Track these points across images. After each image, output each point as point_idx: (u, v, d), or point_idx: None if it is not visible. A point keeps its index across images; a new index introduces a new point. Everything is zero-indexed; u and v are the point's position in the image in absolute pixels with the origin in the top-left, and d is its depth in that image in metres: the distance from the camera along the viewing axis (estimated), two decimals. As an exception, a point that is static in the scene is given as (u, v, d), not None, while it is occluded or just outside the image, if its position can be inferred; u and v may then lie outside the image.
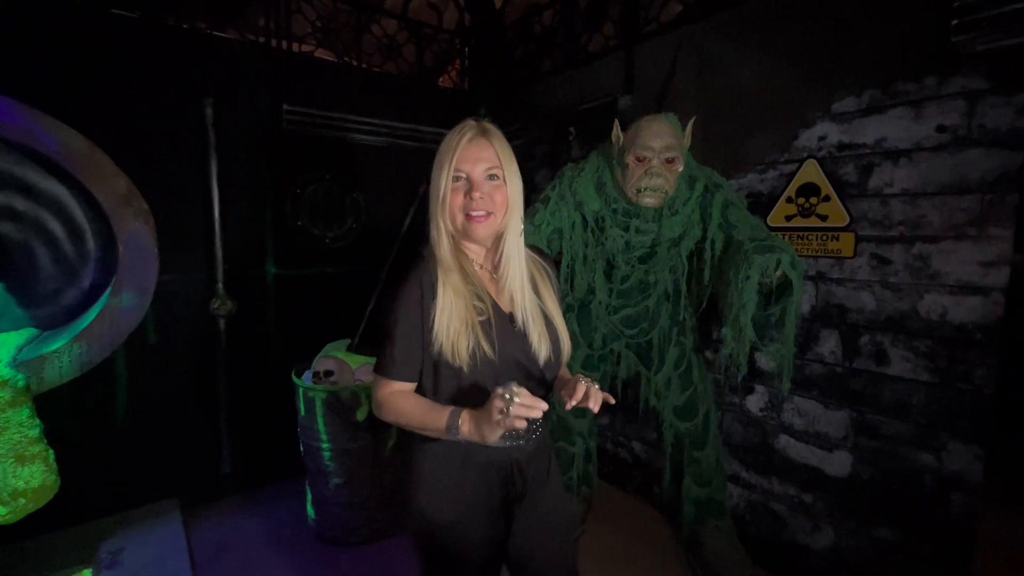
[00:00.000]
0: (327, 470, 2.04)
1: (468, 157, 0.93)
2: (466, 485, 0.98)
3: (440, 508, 0.98)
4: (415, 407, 0.94)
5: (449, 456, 0.98)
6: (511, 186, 0.96)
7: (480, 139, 0.95)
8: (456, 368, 0.92)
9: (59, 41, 1.92)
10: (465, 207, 0.94)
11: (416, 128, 2.90)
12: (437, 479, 0.98)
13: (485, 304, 0.96)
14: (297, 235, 2.59)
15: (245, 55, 2.35)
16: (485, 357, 0.92)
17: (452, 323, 0.91)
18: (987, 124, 1.37)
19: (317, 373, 2.09)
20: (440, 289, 0.93)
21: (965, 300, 1.43)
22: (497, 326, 0.95)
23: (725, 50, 1.91)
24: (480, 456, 0.97)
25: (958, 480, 1.46)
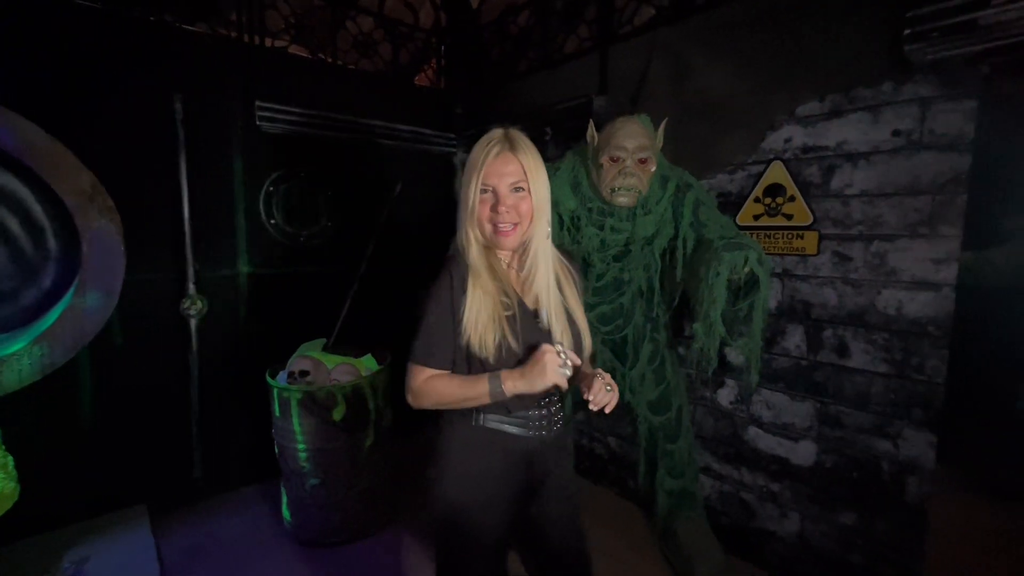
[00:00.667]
0: (303, 471, 2.02)
1: (494, 172, 0.98)
2: (492, 469, 1.05)
3: (466, 492, 1.04)
4: (452, 384, 1.00)
5: (476, 442, 1.05)
6: (536, 194, 1.01)
7: (506, 153, 0.99)
8: (483, 359, 0.99)
9: (18, 32, 1.85)
10: (492, 219, 0.99)
11: (392, 126, 2.88)
12: (464, 464, 1.05)
13: (511, 300, 1.02)
14: (271, 234, 2.55)
15: (216, 50, 2.30)
16: (510, 349, 0.99)
17: (480, 317, 0.97)
18: (937, 129, 1.45)
19: (292, 373, 2.06)
20: (470, 287, 0.99)
21: (919, 295, 1.51)
22: (522, 321, 1.01)
23: (696, 54, 1.97)
24: (506, 443, 1.05)
25: (913, 466, 1.54)
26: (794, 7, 1.68)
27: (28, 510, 1.52)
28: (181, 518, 2.23)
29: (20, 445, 1.44)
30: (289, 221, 2.61)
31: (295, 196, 2.63)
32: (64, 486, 2.05)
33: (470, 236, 1.02)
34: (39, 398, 1.90)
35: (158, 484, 2.27)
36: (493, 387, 0.96)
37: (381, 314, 2.93)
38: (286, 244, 2.61)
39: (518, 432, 1.06)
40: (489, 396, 0.97)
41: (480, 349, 0.98)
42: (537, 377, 0.94)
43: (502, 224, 0.99)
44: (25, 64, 1.86)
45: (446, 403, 1.01)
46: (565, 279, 1.11)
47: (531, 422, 1.06)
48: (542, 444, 1.09)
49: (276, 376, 2.13)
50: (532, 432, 1.06)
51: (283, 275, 2.61)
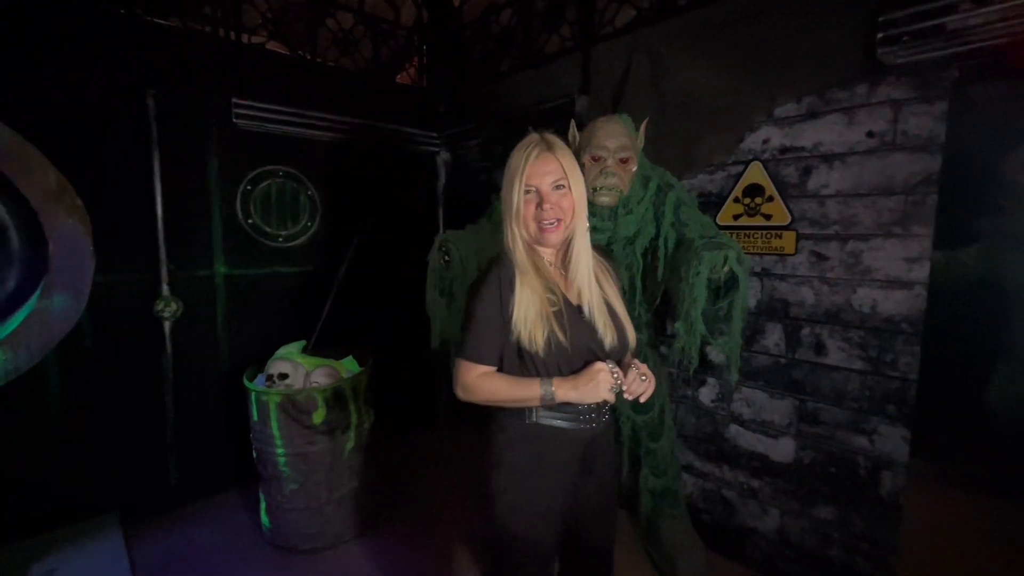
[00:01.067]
0: (282, 476, 1.98)
1: (536, 172, 1.03)
2: (549, 462, 1.10)
3: (523, 486, 1.09)
4: (505, 383, 1.05)
5: (532, 438, 1.09)
6: (575, 191, 1.06)
7: (545, 154, 1.05)
8: (533, 354, 1.04)
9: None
10: (537, 217, 1.05)
11: (374, 125, 2.85)
12: (520, 459, 1.09)
13: (556, 297, 1.07)
14: (249, 233, 2.50)
15: (191, 45, 2.25)
16: (559, 343, 1.03)
17: (529, 314, 1.02)
18: (909, 130, 1.48)
19: (271, 376, 2.02)
20: (518, 286, 1.04)
21: (892, 293, 1.54)
22: (568, 316, 1.06)
23: (677, 55, 1.98)
24: (560, 437, 1.10)
25: (888, 460, 1.58)
26: (771, 10, 1.70)
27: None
28: (155, 525, 2.17)
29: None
30: (268, 221, 2.56)
31: (274, 195, 2.58)
32: (31, 495, 1.98)
33: (516, 237, 1.06)
34: (4, 403, 1.83)
35: (131, 491, 2.21)
36: (545, 393, 1.02)
37: (363, 315, 2.89)
38: (265, 244, 2.56)
39: (570, 426, 1.10)
40: (540, 400, 1.03)
41: (530, 344, 1.02)
42: (589, 392, 1.00)
43: (547, 221, 1.04)
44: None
45: (497, 401, 1.07)
46: (603, 274, 1.16)
47: (581, 415, 1.11)
48: (593, 435, 1.14)
49: (254, 379, 2.09)
50: (583, 425, 1.11)
51: (262, 276, 2.56)
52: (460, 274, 1.51)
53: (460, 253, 1.49)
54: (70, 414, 2.05)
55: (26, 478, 1.97)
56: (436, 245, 1.49)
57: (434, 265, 1.49)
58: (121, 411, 2.17)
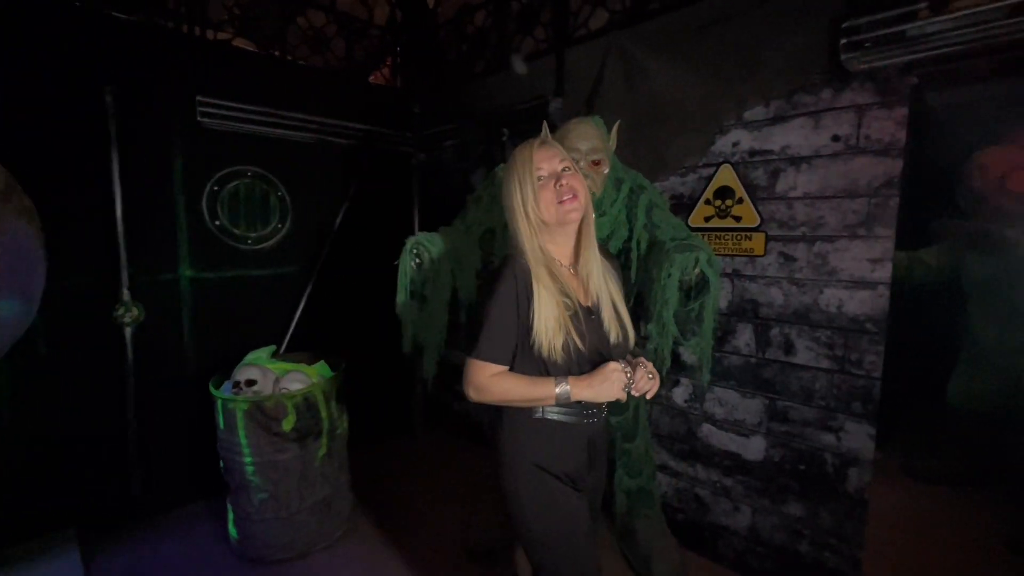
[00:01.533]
0: (250, 485, 1.92)
1: (544, 157, 1.09)
2: (560, 454, 1.13)
3: (536, 482, 1.11)
4: (520, 384, 1.06)
5: (541, 432, 1.12)
6: (580, 173, 1.13)
7: (546, 144, 1.11)
8: (552, 361, 1.06)
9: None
10: (556, 195, 1.07)
11: (347, 125, 2.80)
12: (531, 452, 1.12)
13: (571, 300, 1.09)
14: (216, 236, 2.42)
15: (151, 41, 2.17)
16: (577, 348, 1.06)
17: (549, 324, 1.04)
18: (872, 135, 1.52)
19: (238, 383, 1.96)
20: (536, 293, 1.05)
21: (857, 293, 1.58)
22: (583, 319, 1.10)
23: (649, 58, 1.99)
24: (567, 430, 1.13)
25: (854, 457, 1.61)
26: (740, 14, 1.73)
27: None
28: (116, 541, 2.08)
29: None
30: (236, 222, 2.49)
31: (243, 196, 2.51)
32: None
33: (532, 235, 1.08)
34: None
35: (91, 505, 2.11)
36: (561, 392, 1.04)
37: (337, 319, 2.84)
38: (233, 246, 2.49)
39: (575, 421, 1.14)
40: (555, 400, 1.05)
41: (550, 353, 1.05)
42: (604, 391, 1.04)
43: (566, 195, 1.07)
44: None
45: (510, 401, 1.08)
46: (608, 273, 1.19)
47: (586, 410, 1.14)
48: (595, 430, 1.19)
49: (221, 386, 2.02)
50: (587, 420, 1.15)
51: (230, 279, 2.48)
52: (432, 277, 1.49)
53: (431, 255, 1.47)
54: (23, 424, 1.95)
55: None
56: (407, 248, 1.47)
57: (404, 268, 1.47)
58: (79, 421, 2.07)
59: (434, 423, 3.24)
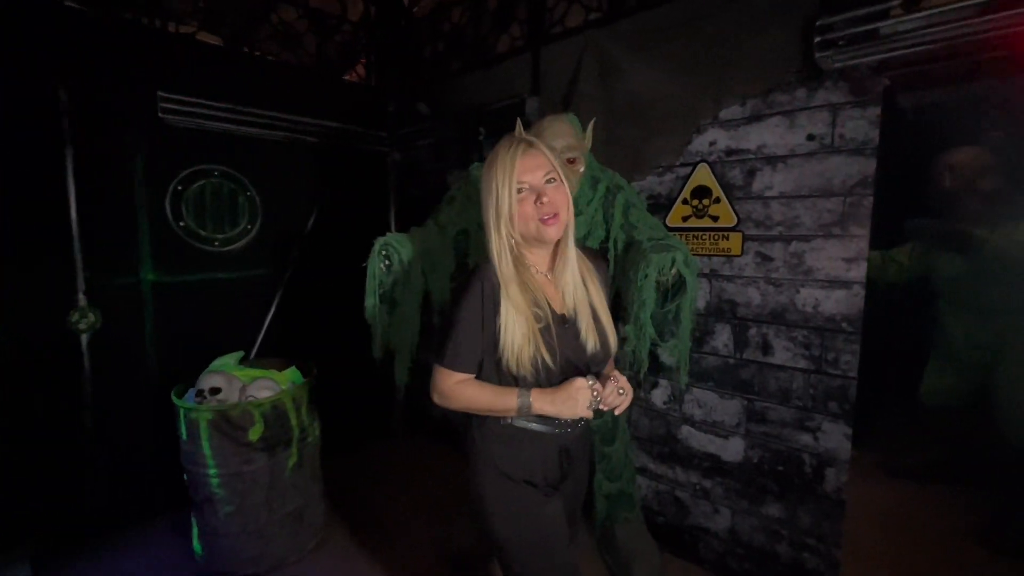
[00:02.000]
0: (216, 498, 1.84)
1: (527, 168, 1.00)
2: (530, 460, 1.10)
3: (504, 489, 1.08)
4: (483, 393, 1.03)
5: (509, 438, 1.09)
6: (566, 185, 1.05)
7: (531, 150, 1.02)
8: (518, 376, 1.02)
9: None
10: (536, 212, 1.00)
11: (319, 123, 2.72)
12: (500, 457, 1.09)
13: (543, 310, 1.03)
14: (181, 237, 2.32)
15: (109, 33, 2.06)
16: (545, 363, 1.01)
17: (515, 338, 1.00)
18: (846, 134, 1.52)
19: (201, 391, 1.87)
20: (503, 305, 1.00)
21: (833, 293, 1.58)
22: (555, 330, 1.04)
23: (625, 57, 1.97)
24: (534, 439, 1.09)
25: (831, 457, 1.61)
26: (716, 12, 1.71)
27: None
28: (73, 561, 1.97)
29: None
30: (202, 223, 2.39)
31: (209, 196, 2.41)
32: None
33: (504, 245, 1.02)
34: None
35: (45, 524, 1.99)
36: (522, 405, 1.01)
37: (310, 322, 2.76)
38: (199, 248, 2.39)
39: (546, 430, 1.10)
40: (517, 412, 1.02)
41: (517, 368, 1.01)
42: (567, 409, 0.99)
43: (546, 215, 1.00)
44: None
45: (473, 409, 1.06)
46: (590, 276, 1.13)
47: (556, 422, 1.10)
48: (568, 440, 1.14)
49: (184, 395, 1.93)
50: (559, 429, 1.10)
51: (196, 283, 2.38)
52: (402, 279, 1.44)
53: (402, 257, 1.42)
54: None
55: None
56: (376, 249, 1.41)
57: (373, 270, 1.41)
58: (31, 435, 1.96)
59: (413, 427, 3.18)
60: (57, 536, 2.02)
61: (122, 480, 2.17)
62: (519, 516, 1.08)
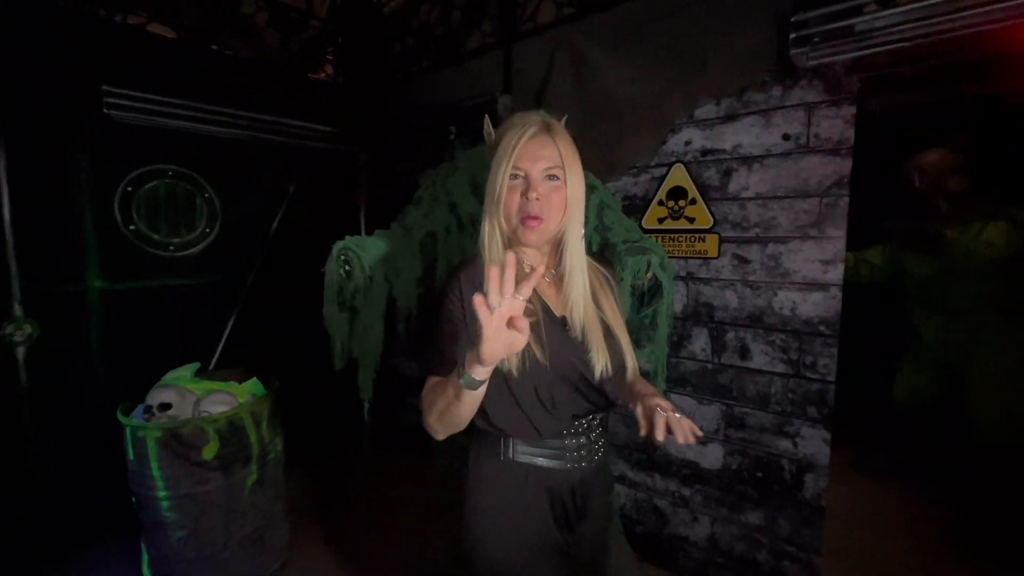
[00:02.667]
0: (166, 522, 1.71)
1: (528, 154, 0.88)
2: (529, 509, 0.94)
3: (499, 534, 0.94)
4: (438, 388, 0.85)
5: (508, 478, 0.95)
6: (571, 187, 0.90)
7: (543, 136, 0.90)
8: (506, 372, 0.87)
9: None
10: (521, 208, 0.89)
11: (283, 122, 2.59)
12: (495, 503, 0.95)
13: (535, 305, 0.91)
14: (131, 242, 2.17)
15: (47, 21, 1.91)
16: (534, 359, 0.87)
17: None
18: (822, 133, 1.49)
19: (150, 407, 1.74)
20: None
21: (810, 295, 1.55)
22: (547, 329, 0.90)
23: (599, 54, 1.92)
24: (542, 478, 0.94)
25: (810, 463, 1.58)
26: (690, 7, 1.67)
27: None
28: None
29: None
30: (155, 227, 2.25)
31: (163, 198, 2.27)
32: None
33: (495, 229, 0.91)
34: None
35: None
36: (463, 375, 0.77)
37: (275, 330, 2.62)
38: (152, 253, 2.25)
39: (554, 465, 0.95)
40: (464, 384, 0.77)
41: (503, 361, 0.84)
42: (491, 346, 0.70)
43: (530, 214, 0.88)
44: None
45: (440, 411, 0.83)
46: (601, 289, 1.00)
47: (568, 452, 0.95)
48: (581, 476, 0.97)
49: (132, 412, 1.80)
50: (571, 464, 0.95)
51: (149, 290, 2.24)
52: (364, 286, 1.35)
53: (363, 262, 1.33)
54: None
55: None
56: (334, 254, 1.31)
57: (331, 277, 1.32)
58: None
59: (384, 436, 3.06)
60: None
61: (65, 505, 2.01)
62: (498, 563, 0.94)
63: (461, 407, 0.80)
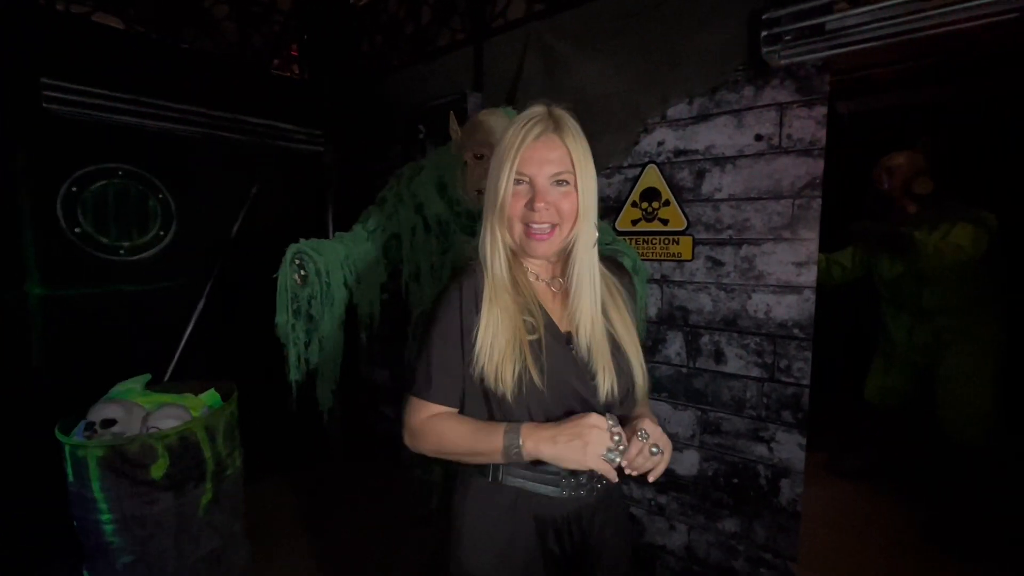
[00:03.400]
0: (110, 547, 1.58)
1: (533, 158, 0.79)
2: (518, 539, 0.86)
3: (485, 567, 0.86)
4: (461, 430, 0.80)
5: (497, 505, 0.86)
6: (583, 192, 0.82)
7: (550, 135, 0.80)
8: (500, 396, 0.80)
9: None
10: (525, 217, 0.81)
11: (244, 119, 2.48)
12: (482, 532, 0.86)
13: (536, 320, 0.83)
14: (77, 245, 2.03)
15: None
16: (531, 383, 0.79)
17: (496, 342, 0.79)
18: (794, 134, 1.47)
19: (92, 424, 1.62)
20: (486, 304, 0.81)
21: (784, 298, 1.52)
22: (549, 348, 0.82)
23: (570, 52, 1.87)
24: (535, 506, 0.86)
25: (786, 468, 1.55)
26: (661, 5, 1.64)
27: None
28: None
29: None
30: (104, 229, 2.11)
31: (112, 199, 2.13)
32: None
33: (497, 239, 0.83)
34: None
35: None
36: (509, 445, 0.76)
37: (235, 339, 2.50)
38: (100, 258, 2.11)
39: (547, 491, 0.85)
40: (503, 456, 0.77)
41: (496, 383, 0.79)
42: (571, 452, 0.72)
43: (537, 225, 0.80)
44: None
45: (449, 452, 0.81)
46: (611, 298, 0.90)
47: (563, 479, 0.84)
48: (580, 507, 0.87)
49: (72, 430, 1.67)
50: (567, 492, 0.85)
51: (96, 296, 2.10)
52: (320, 291, 1.27)
53: (319, 267, 1.25)
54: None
55: None
56: (287, 258, 1.23)
57: (284, 282, 1.23)
58: None
59: (355, 447, 2.96)
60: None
61: (0, 530, 1.85)
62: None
63: (477, 459, 0.80)
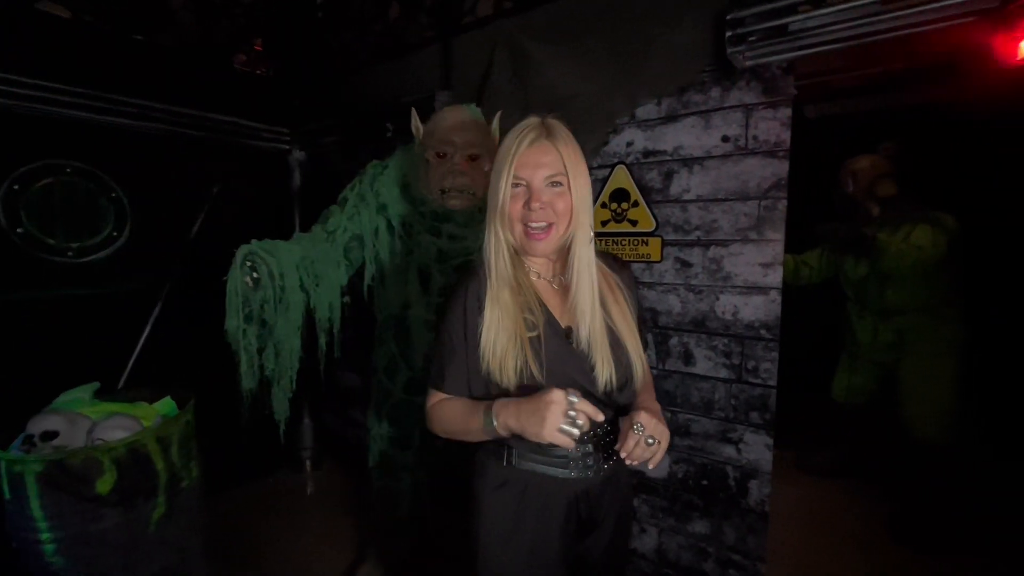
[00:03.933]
0: (53, 568, 1.49)
1: (528, 162, 0.87)
2: (530, 519, 0.93)
3: (503, 544, 0.93)
4: (454, 409, 0.91)
5: (510, 487, 0.93)
6: (576, 191, 0.89)
7: (542, 142, 0.89)
8: (503, 390, 0.88)
9: None
10: (524, 217, 0.89)
11: (204, 115, 2.38)
12: (498, 513, 0.94)
13: (536, 317, 0.90)
14: (19, 247, 1.92)
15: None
16: (532, 377, 0.87)
17: (499, 340, 0.87)
18: (760, 136, 1.47)
19: (31, 437, 1.52)
20: (488, 304, 0.89)
21: (751, 299, 1.52)
22: (549, 343, 0.89)
23: (539, 50, 1.84)
24: (546, 486, 0.92)
25: (754, 469, 1.55)
26: (629, 4, 1.63)
27: None
28: None
29: None
30: (50, 230, 2.00)
31: (59, 197, 2.02)
32: None
33: (500, 240, 0.90)
34: None
35: None
36: (486, 422, 0.84)
37: (195, 344, 2.39)
38: (46, 260, 1.99)
39: (558, 474, 0.92)
40: (483, 431, 0.86)
41: (500, 377, 0.87)
42: (531, 425, 0.77)
43: (534, 224, 0.88)
44: None
45: (450, 432, 0.93)
46: (611, 292, 0.97)
47: (573, 461, 0.92)
48: (588, 486, 0.95)
49: (11, 444, 1.56)
50: (575, 473, 0.92)
51: (40, 301, 1.98)
52: (274, 295, 1.21)
53: (272, 269, 1.19)
54: None
55: None
56: (237, 261, 1.17)
57: (235, 286, 1.17)
58: None
59: (326, 454, 2.88)
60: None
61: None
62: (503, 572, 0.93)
63: (471, 436, 0.88)
